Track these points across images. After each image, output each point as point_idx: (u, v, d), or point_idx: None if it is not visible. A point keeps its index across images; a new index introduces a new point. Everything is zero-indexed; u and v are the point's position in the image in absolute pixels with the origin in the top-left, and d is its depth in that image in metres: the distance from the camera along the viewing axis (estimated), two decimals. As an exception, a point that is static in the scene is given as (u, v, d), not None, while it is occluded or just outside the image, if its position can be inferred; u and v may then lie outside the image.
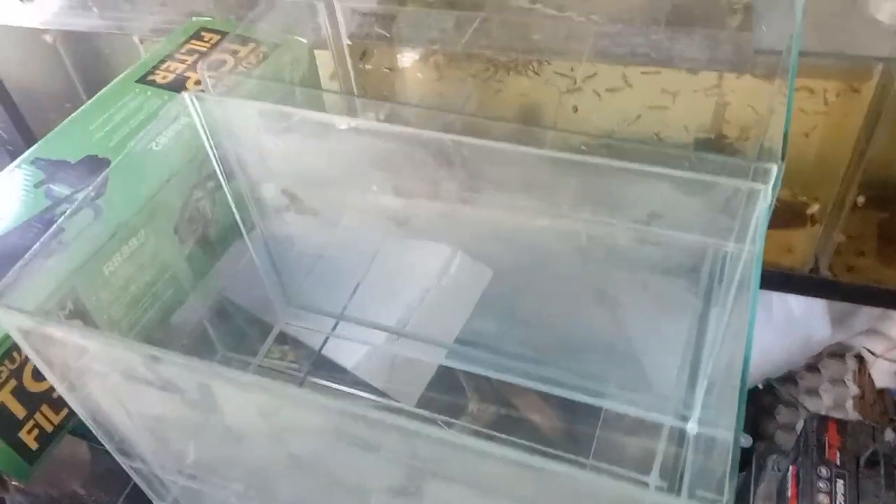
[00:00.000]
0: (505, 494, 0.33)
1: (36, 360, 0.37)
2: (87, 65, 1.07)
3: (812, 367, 1.03)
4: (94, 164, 0.55)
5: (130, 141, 0.56)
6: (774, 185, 0.36)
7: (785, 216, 0.82)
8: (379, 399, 0.83)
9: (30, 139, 1.08)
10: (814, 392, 1.01)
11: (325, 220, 0.51)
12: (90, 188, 0.48)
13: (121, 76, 0.63)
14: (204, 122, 0.45)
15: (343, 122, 0.41)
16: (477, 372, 0.74)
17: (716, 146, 0.80)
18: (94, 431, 0.43)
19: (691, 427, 0.54)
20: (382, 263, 0.72)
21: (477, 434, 0.83)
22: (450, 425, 0.88)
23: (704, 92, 0.75)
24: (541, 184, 0.41)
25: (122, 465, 0.45)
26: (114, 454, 0.45)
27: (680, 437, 0.57)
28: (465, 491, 0.33)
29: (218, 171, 0.47)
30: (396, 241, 0.61)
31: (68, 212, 0.47)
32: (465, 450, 0.29)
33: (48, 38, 1.04)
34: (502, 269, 0.69)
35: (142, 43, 0.95)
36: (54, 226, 0.44)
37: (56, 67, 1.08)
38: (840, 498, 0.78)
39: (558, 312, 0.60)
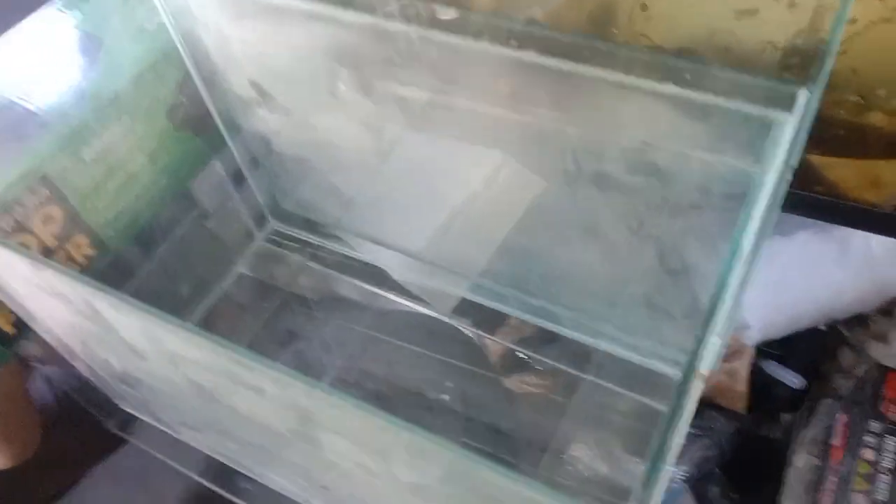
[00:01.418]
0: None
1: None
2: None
3: (886, 311, 0.94)
4: (88, 42, 0.51)
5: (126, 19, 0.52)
6: (806, 115, 0.29)
7: (880, 145, 0.72)
8: (414, 304, 0.81)
9: None
10: (882, 337, 0.93)
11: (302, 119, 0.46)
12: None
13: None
14: (166, 6, 0.40)
15: (302, 6, 0.35)
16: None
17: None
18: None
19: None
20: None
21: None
22: (481, 339, 0.85)
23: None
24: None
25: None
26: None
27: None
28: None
29: (186, 60, 0.43)
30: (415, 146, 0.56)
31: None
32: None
33: None
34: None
35: None
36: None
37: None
38: (888, 455, 0.72)
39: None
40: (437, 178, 0.67)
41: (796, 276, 0.84)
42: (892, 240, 0.83)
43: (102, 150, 0.45)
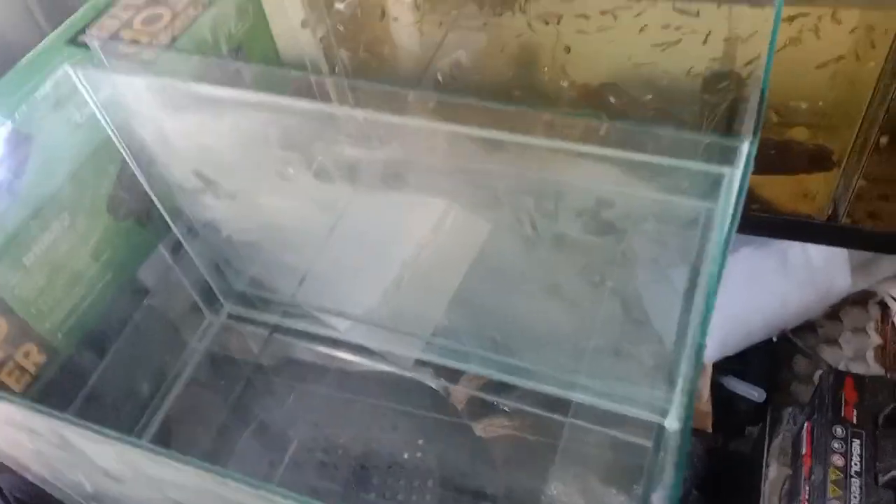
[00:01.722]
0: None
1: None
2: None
3: (833, 315, 0.97)
4: (17, 140, 0.50)
5: (55, 112, 0.51)
6: (748, 160, 0.30)
7: (804, 159, 0.76)
8: (375, 363, 0.80)
9: None
10: (833, 342, 0.96)
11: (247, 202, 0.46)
12: (13, 170, 0.44)
13: (49, 36, 0.57)
14: (96, 98, 0.39)
15: (242, 97, 0.35)
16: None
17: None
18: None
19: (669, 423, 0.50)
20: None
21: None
22: (445, 389, 0.85)
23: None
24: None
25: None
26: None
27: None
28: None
29: (123, 152, 0.42)
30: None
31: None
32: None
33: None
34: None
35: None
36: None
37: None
38: (856, 459, 0.73)
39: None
40: (386, 234, 0.68)
41: (744, 292, 0.87)
42: (828, 248, 0.86)
43: (43, 253, 0.44)
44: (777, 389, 0.95)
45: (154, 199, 0.46)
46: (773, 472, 0.83)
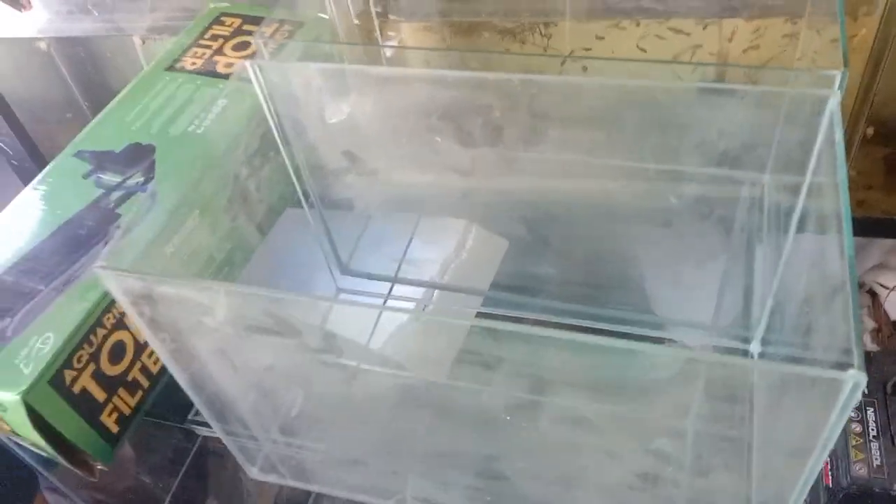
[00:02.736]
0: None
1: (142, 326, 0.38)
2: (83, 70, 1.06)
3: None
4: (139, 152, 0.56)
5: (171, 127, 0.57)
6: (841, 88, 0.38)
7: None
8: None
9: (33, 151, 1.07)
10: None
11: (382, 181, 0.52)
12: (143, 176, 0.49)
13: (148, 67, 0.64)
14: (266, 89, 0.46)
15: (407, 74, 0.42)
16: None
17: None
18: (193, 398, 0.44)
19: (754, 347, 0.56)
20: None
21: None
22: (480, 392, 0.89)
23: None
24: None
25: (216, 429, 0.46)
26: (209, 420, 0.46)
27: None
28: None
29: (278, 139, 0.48)
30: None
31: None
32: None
33: (42, 45, 1.04)
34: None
35: (143, 42, 0.95)
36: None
37: (52, 75, 1.07)
38: (872, 424, 0.80)
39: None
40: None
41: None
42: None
43: (181, 244, 0.49)
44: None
45: (295, 182, 0.52)
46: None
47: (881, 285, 1.01)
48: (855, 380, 0.27)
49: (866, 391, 0.83)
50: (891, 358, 0.84)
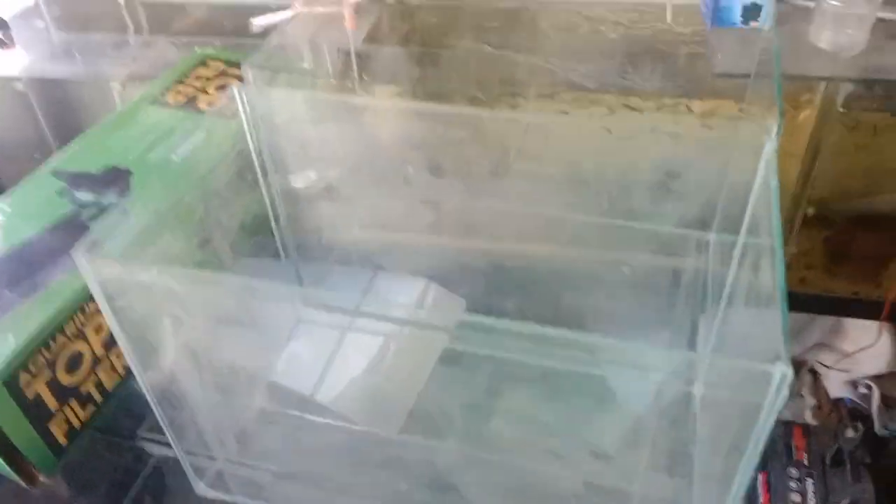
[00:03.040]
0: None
1: (110, 318, 0.39)
2: (57, 112, 1.08)
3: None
4: (116, 175, 0.57)
5: (149, 154, 0.59)
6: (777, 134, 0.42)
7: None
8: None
9: (-1, 189, 1.07)
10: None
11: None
12: (118, 196, 0.50)
13: (133, 100, 0.66)
14: (249, 114, 0.48)
15: (393, 105, 0.44)
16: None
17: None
18: (151, 401, 0.44)
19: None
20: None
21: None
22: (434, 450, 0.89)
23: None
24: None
25: (170, 438, 0.46)
26: (163, 424, 0.46)
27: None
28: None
29: (255, 162, 0.50)
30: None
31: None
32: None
33: (19, 86, 1.05)
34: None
35: (123, 88, 0.97)
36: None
37: (26, 115, 1.08)
38: (811, 495, 0.82)
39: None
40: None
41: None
42: (765, 317, 0.99)
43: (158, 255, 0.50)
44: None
45: (268, 205, 0.53)
46: (733, 530, 0.90)
47: (821, 364, 1.05)
48: (782, 371, 0.29)
49: (806, 463, 0.85)
50: (829, 433, 0.87)
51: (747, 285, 0.43)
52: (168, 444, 0.48)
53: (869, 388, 1.04)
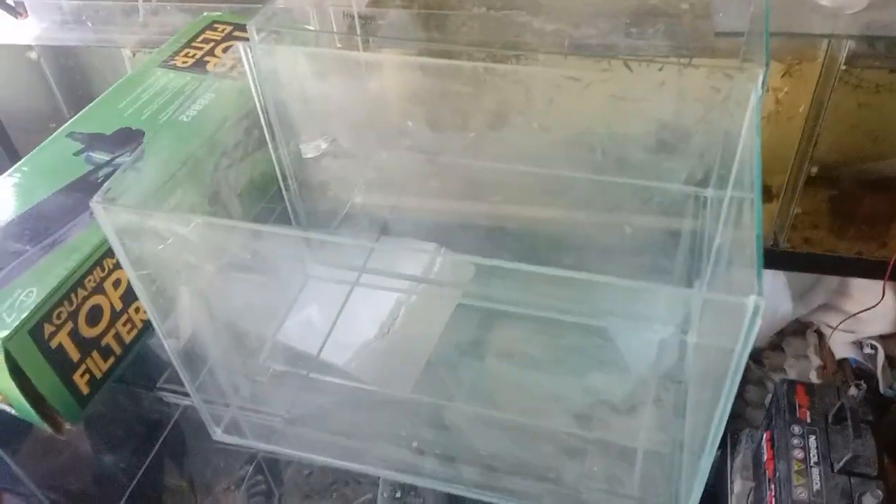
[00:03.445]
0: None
1: (127, 267, 0.41)
2: (70, 80, 1.09)
3: (776, 346, 1.10)
4: (129, 135, 0.59)
5: (160, 115, 0.61)
6: (763, 84, 0.43)
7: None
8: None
9: (14, 158, 1.09)
10: (779, 369, 1.08)
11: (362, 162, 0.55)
12: (134, 153, 0.52)
13: (142, 63, 0.67)
14: (255, 71, 0.49)
15: (397, 60, 0.46)
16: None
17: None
18: (167, 347, 0.46)
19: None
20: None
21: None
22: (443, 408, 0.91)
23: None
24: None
25: (187, 386, 0.48)
26: (179, 370, 0.48)
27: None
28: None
29: (262, 119, 0.51)
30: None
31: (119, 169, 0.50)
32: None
33: (33, 54, 1.07)
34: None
35: (133, 55, 0.99)
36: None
37: (40, 84, 1.10)
38: (813, 451, 0.83)
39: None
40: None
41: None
42: (770, 274, 1.00)
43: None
44: (732, 417, 1.06)
45: (275, 162, 0.55)
46: (738, 487, 0.92)
47: (827, 325, 1.06)
48: (755, 303, 0.30)
49: (809, 421, 0.87)
50: (832, 391, 0.89)
51: (733, 238, 0.44)
52: (186, 394, 0.51)
53: (874, 348, 1.06)
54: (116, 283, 0.52)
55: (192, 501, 0.76)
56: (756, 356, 1.10)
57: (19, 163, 0.59)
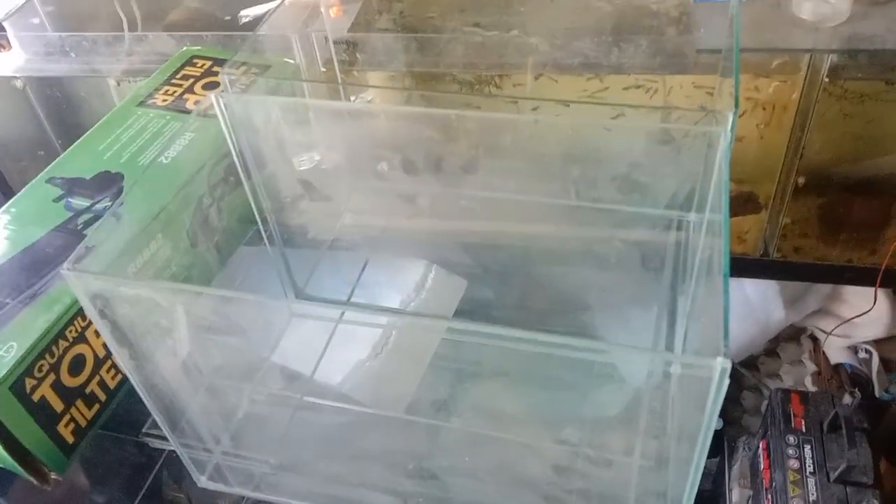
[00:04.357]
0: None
1: (102, 328, 0.41)
2: (57, 109, 1.09)
3: (771, 352, 1.10)
4: (108, 179, 0.59)
5: (140, 157, 0.61)
6: (732, 128, 0.43)
7: (736, 205, 0.89)
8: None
9: (5, 188, 1.09)
10: (775, 375, 1.08)
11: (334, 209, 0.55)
12: (111, 201, 0.52)
13: (121, 104, 0.67)
14: (227, 118, 0.49)
15: (366, 108, 0.46)
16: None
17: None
18: (146, 401, 0.46)
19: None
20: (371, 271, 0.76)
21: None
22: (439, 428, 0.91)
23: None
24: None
25: (169, 437, 0.48)
26: (161, 424, 0.48)
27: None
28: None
29: (239, 167, 0.51)
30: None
31: (97, 223, 0.50)
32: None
33: (18, 83, 1.06)
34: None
35: (118, 84, 0.99)
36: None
37: (27, 113, 1.10)
38: (808, 461, 0.83)
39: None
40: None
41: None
42: (763, 286, 1.00)
43: (144, 264, 0.52)
44: (729, 424, 1.06)
45: (254, 207, 0.55)
46: (736, 496, 0.92)
47: (821, 330, 1.06)
48: (722, 365, 0.30)
49: (804, 430, 0.87)
50: (827, 398, 0.88)
51: (710, 261, 0.44)
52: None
53: (869, 352, 1.05)
54: (98, 331, 0.52)
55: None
56: (751, 362, 1.10)
57: (2, 208, 0.59)
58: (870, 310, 0.96)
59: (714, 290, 0.37)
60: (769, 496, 0.85)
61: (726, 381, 0.32)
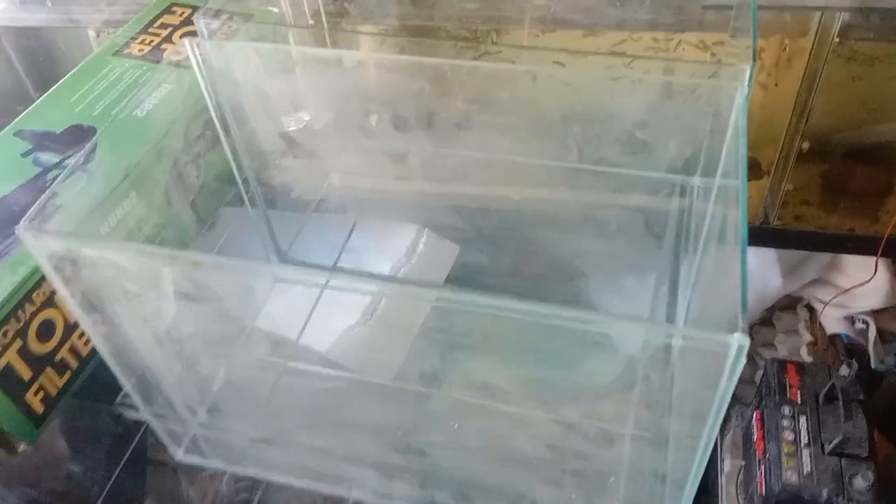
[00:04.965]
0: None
1: (63, 292, 0.38)
2: (35, 61, 1.05)
3: (766, 321, 1.08)
4: (80, 133, 0.56)
5: (114, 109, 0.57)
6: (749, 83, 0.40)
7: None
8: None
9: (-20, 141, 1.05)
10: (769, 345, 1.07)
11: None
12: (80, 155, 0.49)
13: (95, 52, 0.64)
14: (203, 68, 0.46)
15: (355, 57, 0.43)
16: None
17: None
18: (116, 372, 0.44)
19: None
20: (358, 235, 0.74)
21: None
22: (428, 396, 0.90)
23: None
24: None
25: (141, 409, 0.46)
26: (133, 396, 0.45)
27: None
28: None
29: (215, 118, 0.48)
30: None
31: (61, 176, 0.47)
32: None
33: (-7, 34, 1.02)
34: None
35: (97, 35, 0.94)
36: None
37: (4, 66, 1.06)
38: (804, 432, 0.82)
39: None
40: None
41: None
42: (760, 254, 0.98)
43: (116, 224, 0.49)
44: (723, 393, 1.05)
45: (233, 165, 0.52)
46: (728, 466, 0.91)
47: (818, 300, 1.04)
48: (740, 342, 0.28)
49: (799, 401, 0.85)
50: (823, 369, 0.87)
51: (720, 230, 0.42)
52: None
53: (866, 323, 1.04)
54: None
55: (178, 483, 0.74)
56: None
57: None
58: (869, 280, 0.94)
59: (726, 260, 0.34)
60: (762, 467, 0.84)
61: (743, 359, 0.29)
